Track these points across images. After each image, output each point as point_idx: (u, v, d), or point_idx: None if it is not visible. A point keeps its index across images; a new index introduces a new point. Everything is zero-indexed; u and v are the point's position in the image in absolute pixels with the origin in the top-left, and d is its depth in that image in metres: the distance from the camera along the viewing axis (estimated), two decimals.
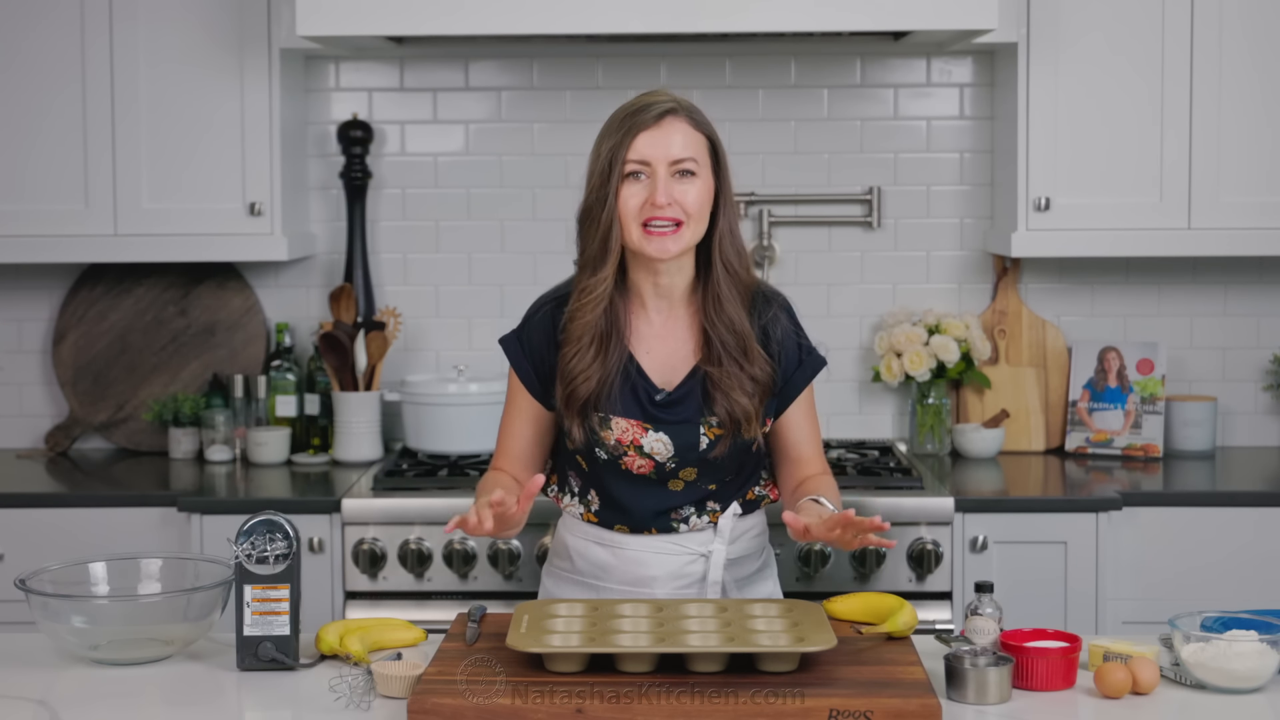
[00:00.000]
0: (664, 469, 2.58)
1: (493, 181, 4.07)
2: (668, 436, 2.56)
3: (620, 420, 2.56)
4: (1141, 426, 3.93)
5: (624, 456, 2.58)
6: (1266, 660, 2.25)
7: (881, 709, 2.09)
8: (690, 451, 2.57)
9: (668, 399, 2.57)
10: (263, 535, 2.38)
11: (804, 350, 2.64)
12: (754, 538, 2.70)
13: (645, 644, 2.22)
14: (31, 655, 2.47)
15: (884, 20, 3.45)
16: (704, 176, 2.52)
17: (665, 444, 2.56)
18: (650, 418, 2.57)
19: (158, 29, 3.72)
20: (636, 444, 2.57)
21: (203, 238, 3.77)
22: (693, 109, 2.56)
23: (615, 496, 2.61)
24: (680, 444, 2.56)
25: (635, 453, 2.57)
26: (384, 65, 4.06)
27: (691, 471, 2.59)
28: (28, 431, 4.14)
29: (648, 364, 2.59)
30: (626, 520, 2.62)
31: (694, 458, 2.57)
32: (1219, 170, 3.69)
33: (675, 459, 2.57)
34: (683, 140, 2.50)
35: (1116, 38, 3.68)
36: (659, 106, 2.52)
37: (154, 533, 3.51)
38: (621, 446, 2.57)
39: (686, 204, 2.49)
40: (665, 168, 2.49)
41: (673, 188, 2.49)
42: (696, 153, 2.51)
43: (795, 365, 2.63)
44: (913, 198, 4.07)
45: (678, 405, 2.57)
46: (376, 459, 3.88)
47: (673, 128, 2.51)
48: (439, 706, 2.12)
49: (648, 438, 2.56)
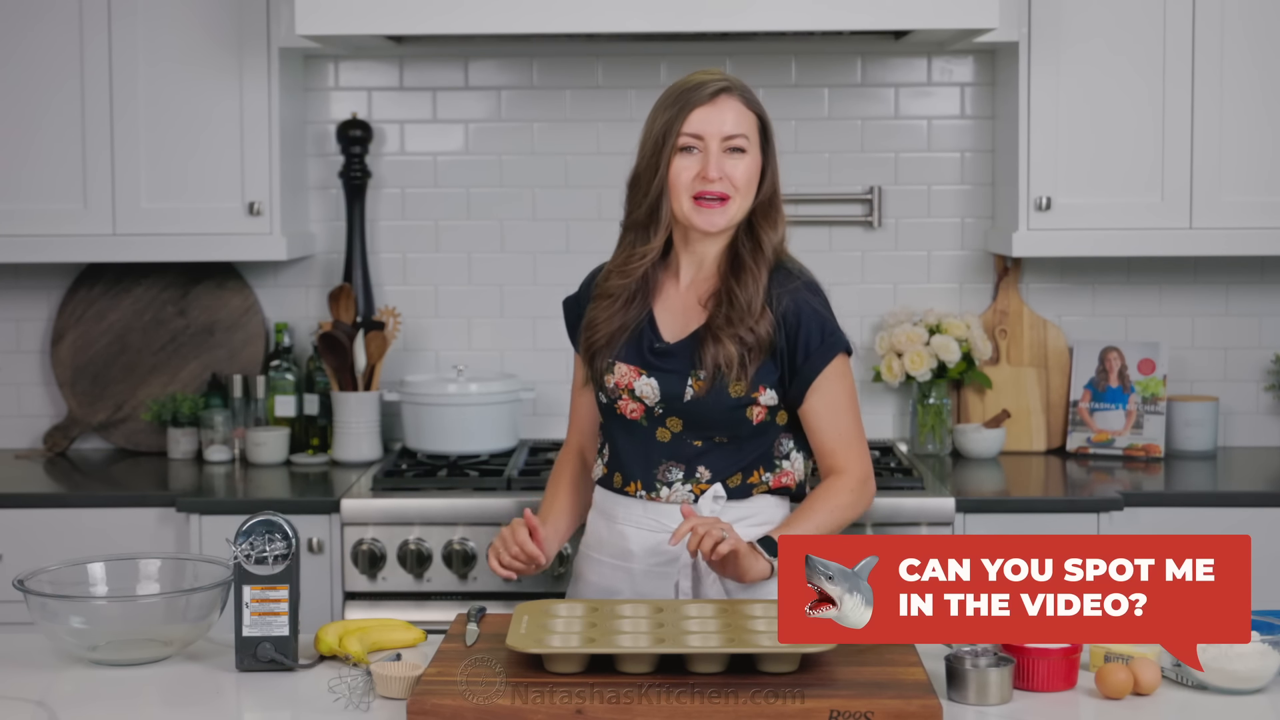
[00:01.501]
0: (652, 414, 2.67)
1: (492, 181, 4.07)
2: (656, 381, 2.65)
3: (621, 365, 2.68)
4: (1143, 427, 3.92)
5: (619, 400, 2.69)
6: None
7: (882, 710, 2.08)
8: (675, 400, 2.64)
9: (666, 349, 2.67)
10: (261, 536, 2.37)
11: (827, 332, 2.65)
12: (750, 527, 2.66)
13: (645, 644, 2.21)
14: (30, 656, 2.47)
15: (885, 19, 3.45)
16: (753, 153, 2.63)
17: (653, 389, 2.66)
18: (646, 364, 2.67)
19: (156, 28, 3.72)
20: (630, 388, 2.68)
21: (201, 237, 3.77)
22: (745, 89, 2.65)
23: (616, 444, 2.72)
24: (666, 391, 2.65)
25: (628, 396, 2.68)
26: (383, 64, 4.05)
27: (677, 422, 2.66)
28: (26, 432, 4.13)
29: (662, 318, 2.69)
30: (621, 468, 2.71)
31: (678, 406, 2.65)
32: (1220, 170, 3.69)
33: (661, 404, 2.66)
34: (735, 117, 2.61)
35: (1118, 37, 3.67)
36: (715, 84, 2.62)
37: (152, 533, 3.50)
38: (618, 390, 2.68)
39: (735, 178, 2.60)
40: (718, 143, 2.60)
41: (724, 162, 2.60)
42: (748, 130, 2.62)
43: (816, 344, 2.64)
44: (913, 197, 4.06)
45: (673, 356, 2.66)
46: (376, 459, 3.87)
47: (726, 105, 2.61)
48: (438, 707, 2.11)
49: (640, 381, 2.67)
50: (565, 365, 4.05)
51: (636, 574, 2.68)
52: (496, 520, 3.41)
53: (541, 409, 4.05)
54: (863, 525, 3.38)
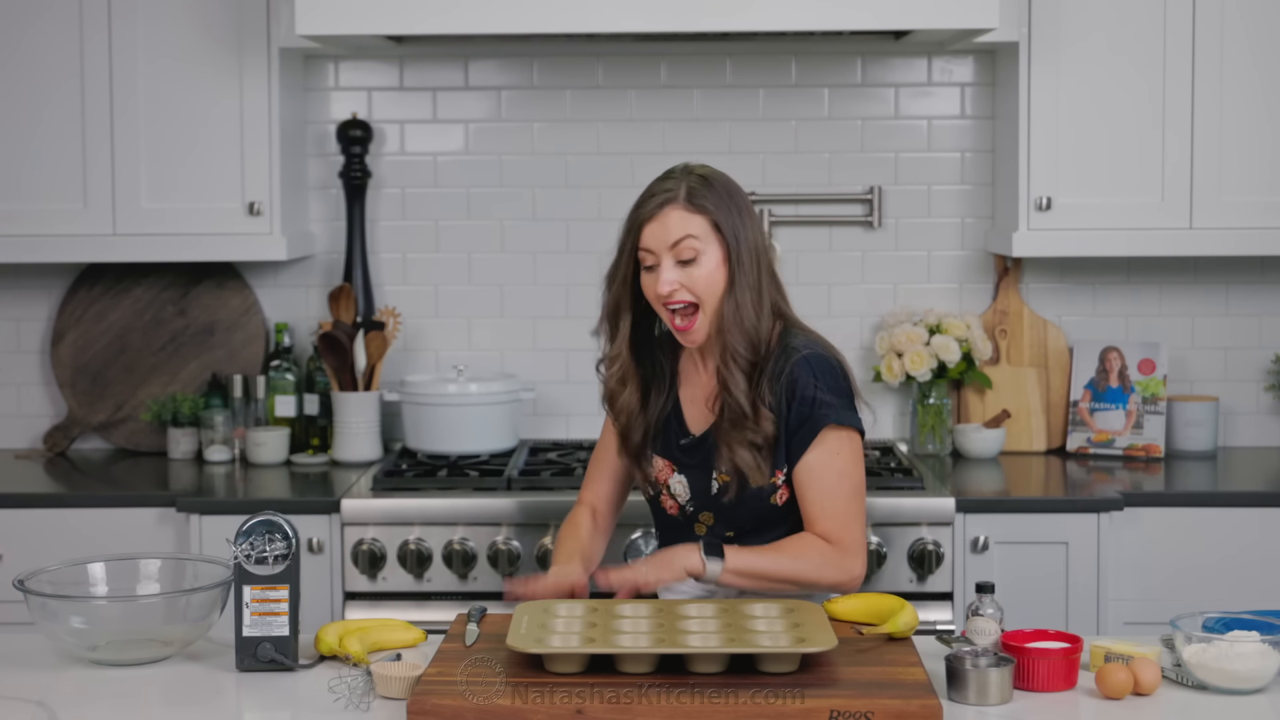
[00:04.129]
0: (685, 511, 2.68)
1: (492, 181, 4.07)
2: (686, 479, 2.66)
3: (658, 459, 2.70)
4: (1143, 427, 3.92)
5: (660, 495, 2.70)
6: (1268, 661, 2.25)
7: (882, 710, 2.08)
8: (703, 496, 2.65)
9: (691, 443, 2.66)
10: (262, 536, 2.37)
11: (815, 407, 2.57)
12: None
13: (645, 645, 2.21)
14: (30, 656, 2.47)
15: (885, 19, 3.45)
16: (709, 254, 2.55)
17: (684, 486, 2.67)
18: (676, 460, 2.68)
19: (156, 27, 3.72)
20: (666, 483, 2.69)
21: (201, 237, 3.76)
22: (695, 191, 2.56)
23: (661, 537, 2.76)
24: (695, 488, 2.66)
25: (666, 492, 2.70)
26: (383, 64, 4.05)
27: (709, 516, 2.67)
28: (26, 432, 4.13)
29: (687, 408, 2.69)
30: None
31: (707, 502, 2.65)
32: (1220, 170, 3.69)
33: (692, 502, 2.67)
34: (679, 226, 2.55)
35: (1118, 37, 3.67)
36: (660, 197, 2.57)
37: (153, 533, 3.50)
38: (659, 484, 2.70)
39: (695, 288, 2.56)
40: (666, 254, 2.56)
41: (677, 274, 2.55)
42: (694, 230, 2.55)
43: (800, 422, 2.58)
44: (914, 197, 4.06)
45: (697, 450, 2.65)
46: (376, 459, 3.87)
47: (669, 217, 2.56)
48: (438, 707, 2.11)
49: (673, 479, 2.68)
50: (565, 365, 4.06)
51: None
52: (497, 520, 3.41)
53: (541, 409, 4.05)
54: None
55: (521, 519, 3.41)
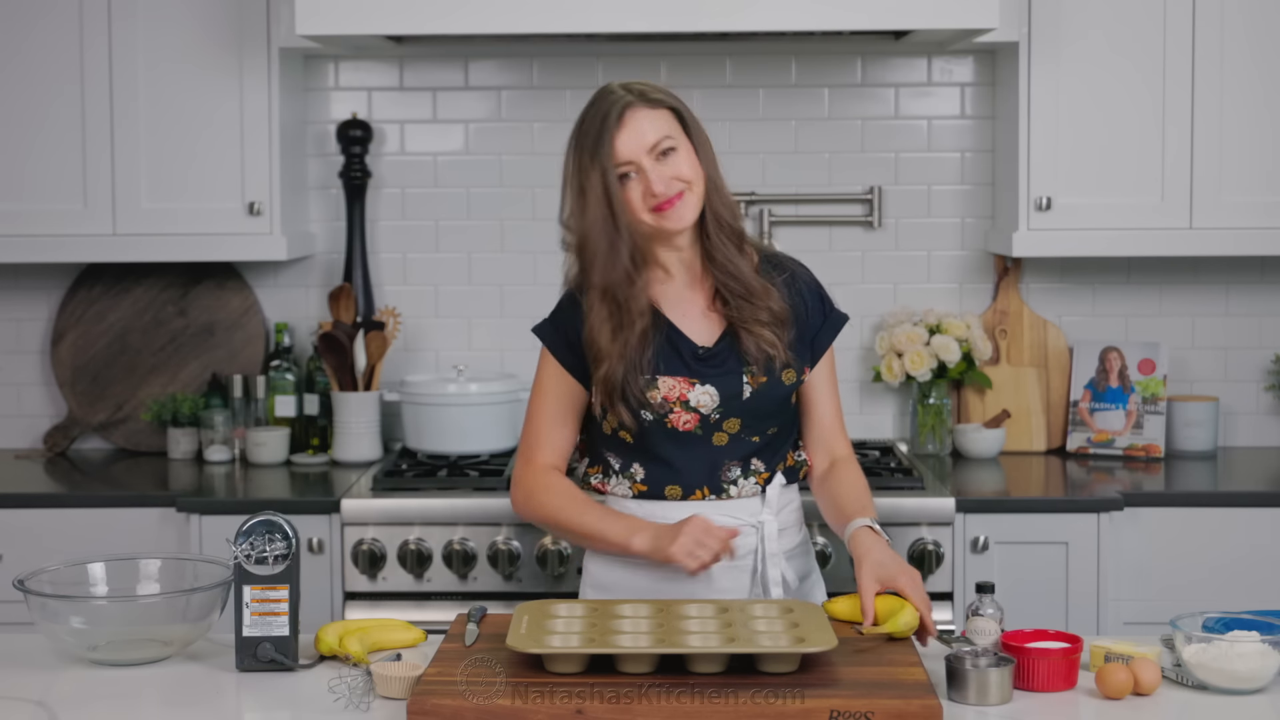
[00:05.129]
0: (709, 421, 2.64)
1: (493, 181, 4.07)
2: (714, 388, 2.63)
3: (666, 379, 2.63)
4: (1143, 427, 3.92)
5: (670, 414, 2.63)
6: (1268, 661, 2.25)
7: (882, 710, 2.08)
8: (734, 400, 2.63)
9: (709, 353, 2.65)
10: (262, 536, 2.37)
11: (827, 306, 2.72)
12: (794, 510, 2.74)
13: (645, 645, 2.21)
14: (30, 656, 2.46)
15: (885, 19, 3.45)
16: (683, 144, 2.59)
17: (711, 395, 2.63)
18: (695, 372, 2.64)
19: (156, 28, 3.72)
20: (684, 399, 2.63)
21: (202, 237, 3.76)
22: (645, 91, 2.60)
23: (665, 458, 2.66)
24: (726, 394, 2.63)
25: (681, 408, 2.63)
26: (383, 64, 4.05)
27: (735, 423, 2.65)
28: (26, 432, 4.13)
29: (684, 325, 2.66)
30: (678, 481, 2.66)
31: (738, 406, 2.64)
32: (1220, 170, 3.69)
33: (720, 409, 2.63)
34: (650, 124, 2.57)
35: (1118, 37, 3.67)
36: (617, 106, 2.57)
37: (153, 533, 3.50)
38: (668, 404, 2.63)
39: (683, 175, 2.58)
40: (648, 158, 2.56)
41: (663, 170, 2.56)
42: (666, 128, 2.58)
43: (821, 319, 2.70)
44: (913, 197, 4.06)
45: (719, 358, 2.64)
46: (376, 459, 3.87)
47: (636, 119, 2.56)
48: (438, 707, 2.11)
49: (694, 391, 2.63)
50: None
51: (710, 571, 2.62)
52: (497, 520, 3.41)
53: None
54: None
55: (521, 519, 3.41)
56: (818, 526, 3.37)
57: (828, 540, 3.38)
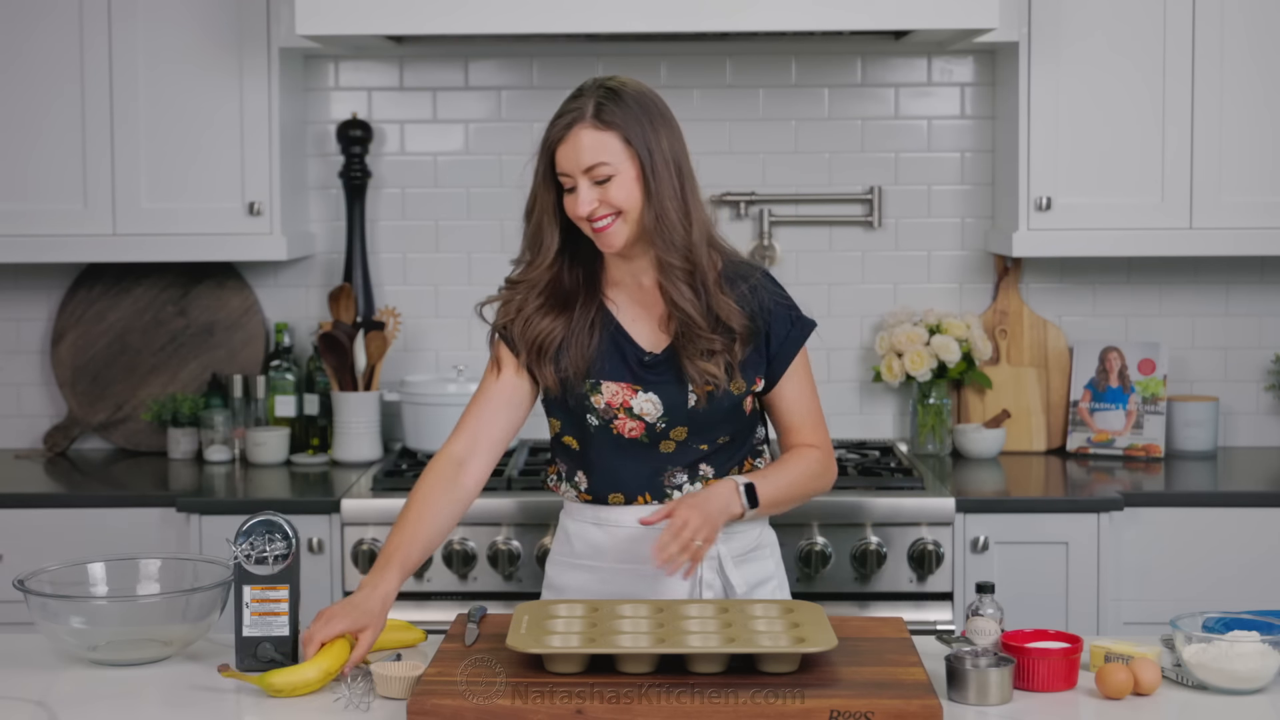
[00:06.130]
0: (654, 430, 2.61)
1: (493, 181, 4.07)
2: (656, 396, 2.60)
3: (609, 384, 2.60)
4: (1143, 427, 3.92)
5: (614, 420, 2.61)
6: (1268, 661, 2.25)
7: (882, 710, 2.08)
8: (679, 410, 2.59)
9: (654, 360, 2.61)
10: (262, 536, 2.37)
11: (792, 317, 2.65)
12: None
13: (645, 644, 2.21)
14: (30, 656, 2.46)
15: (885, 19, 3.45)
16: (623, 171, 2.52)
17: (655, 404, 2.59)
18: (639, 379, 2.61)
19: (157, 28, 3.72)
20: (626, 405, 2.60)
21: (202, 237, 3.76)
22: (603, 107, 2.55)
23: (608, 466, 2.63)
24: (669, 403, 2.59)
25: (626, 415, 2.61)
26: (383, 64, 4.05)
27: (682, 431, 2.62)
28: (26, 432, 4.13)
29: (634, 330, 2.63)
30: (621, 488, 2.63)
31: (683, 416, 2.60)
32: (1220, 170, 3.69)
33: (665, 418, 2.60)
34: (590, 146, 2.52)
35: (1118, 37, 3.67)
36: (567, 118, 2.55)
37: (153, 533, 3.50)
38: (612, 410, 2.60)
39: (613, 202, 2.53)
40: (582, 177, 2.54)
41: (593, 193, 2.53)
42: (606, 156, 2.52)
43: (785, 332, 2.63)
44: (913, 197, 4.06)
45: (664, 366, 2.60)
46: (376, 459, 3.87)
47: (578, 137, 2.53)
48: (439, 707, 2.11)
49: (637, 399, 2.60)
50: None
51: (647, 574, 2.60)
52: (497, 520, 3.41)
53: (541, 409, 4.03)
54: (863, 524, 3.38)
55: (521, 519, 3.41)
56: (818, 527, 3.38)
57: (828, 540, 3.38)
